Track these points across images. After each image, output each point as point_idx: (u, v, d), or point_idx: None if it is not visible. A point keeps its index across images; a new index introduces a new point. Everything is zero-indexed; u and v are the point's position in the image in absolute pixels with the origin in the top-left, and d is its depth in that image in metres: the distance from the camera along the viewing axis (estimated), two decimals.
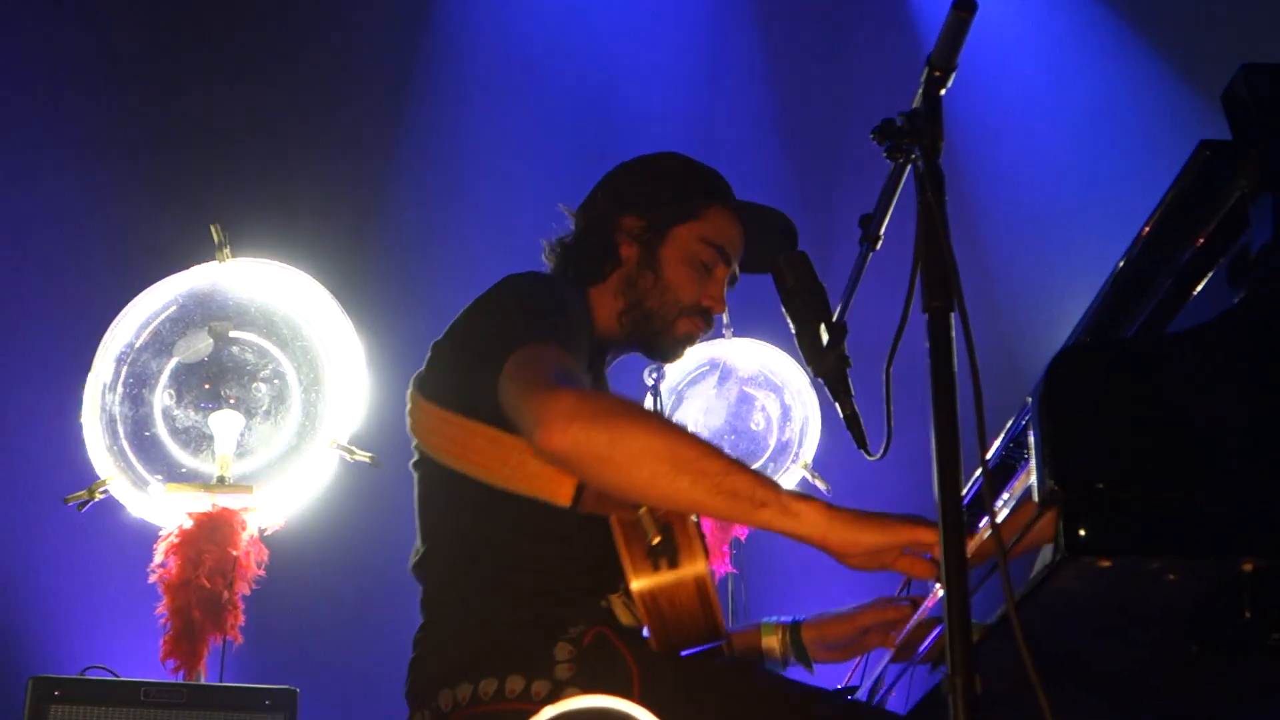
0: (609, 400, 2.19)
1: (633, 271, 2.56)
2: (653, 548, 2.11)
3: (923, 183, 1.74)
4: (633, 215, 2.58)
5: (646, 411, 2.19)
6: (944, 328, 1.65)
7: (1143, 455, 1.55)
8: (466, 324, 2.43)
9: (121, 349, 4.32)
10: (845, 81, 5.81)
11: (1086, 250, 4.17)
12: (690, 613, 2.13)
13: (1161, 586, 1.60)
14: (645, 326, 2.57)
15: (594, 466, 2.08)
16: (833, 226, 5.20)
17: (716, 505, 2.09)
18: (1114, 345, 2.00)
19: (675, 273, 2.56)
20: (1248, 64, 1.81)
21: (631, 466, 2.06)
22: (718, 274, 2.60)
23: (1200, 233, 2.00)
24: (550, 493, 2.18)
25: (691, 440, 2.11)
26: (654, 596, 2.12)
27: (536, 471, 2.17)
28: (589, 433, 2.04)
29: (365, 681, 4.84)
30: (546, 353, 2.19)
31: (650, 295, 2.55)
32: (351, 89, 5.73)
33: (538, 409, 2.07)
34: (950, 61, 1.76)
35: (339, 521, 4.79)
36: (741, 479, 2.07)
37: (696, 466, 2.06)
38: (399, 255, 5.49)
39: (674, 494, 2.08)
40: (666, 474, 2.05)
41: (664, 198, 2.59)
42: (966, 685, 1.50)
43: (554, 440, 2.05)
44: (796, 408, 5.24)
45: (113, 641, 4.59)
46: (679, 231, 2.57)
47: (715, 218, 2.60)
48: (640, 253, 2.57)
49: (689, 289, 2.56)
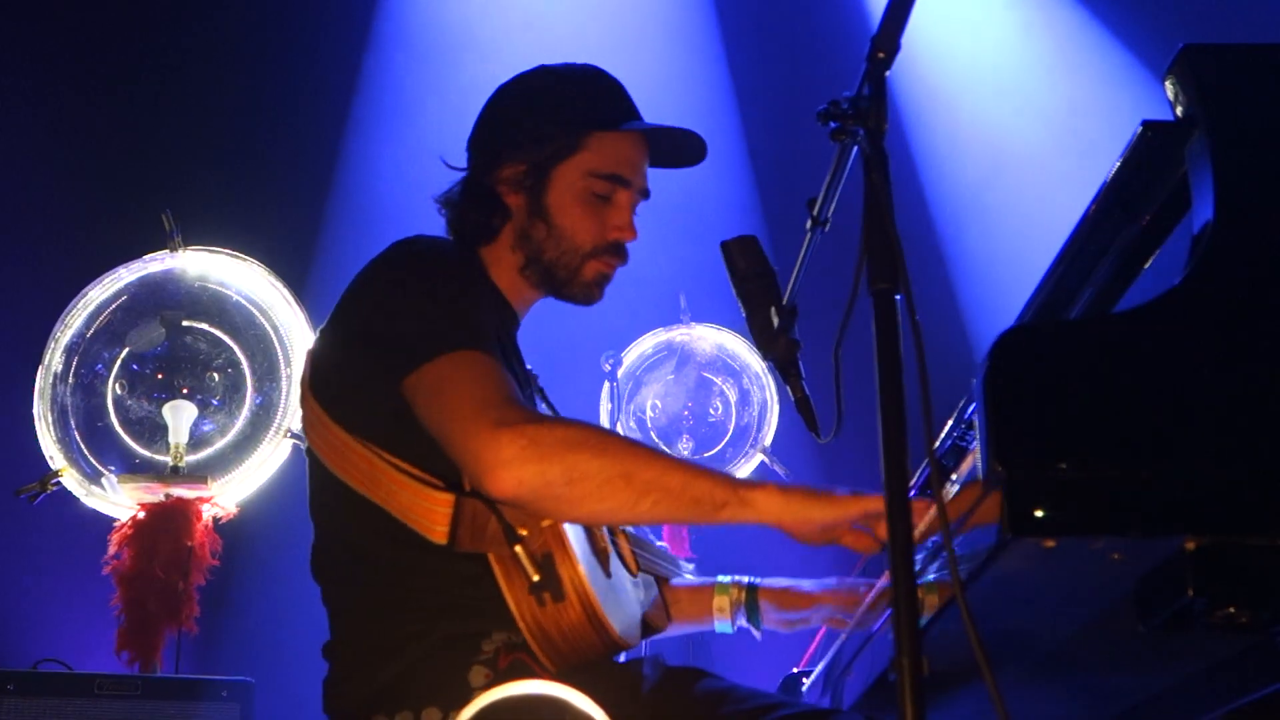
0: (558, 431, 1.99)
1: (523, 223, 2.36)
2: (535, 584, 2.02)
3: (868, 164, 1.73)
4: (511, 162, 2.36)
5: (598, 435, 2.05)
6: (889, 309, 1.65)
7: (1086, 435, 1.55)
8: (355, 311, 2.24)
9: (72, 339, 4.29)
10: (801, 61, 5.81)
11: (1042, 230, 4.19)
12: (583, 636, 2.06)
13: (1106, 566, 1.61)
14: (551, 278, 2.37)
15: (551, 504, 2.00)
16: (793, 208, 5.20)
17: (680, 516, 2.07)
18: (1056, 326, 2.00)
19: (567, 217, 2.35)
20: (1189, 44, 1.81)
21: (592, 500, 1.98)
22: (619, 200, 2.38)
23: (1144, 213, 2.01)
24: (425, 529, 2.07)
25: (648, 459, 2.03)
26: (542, 629, 2.04)
27: (408, 505, 2.08)
28: (544, 476, 1.95)
29: (321, 673, 4.81)
30: (471, 368, 2.06)
31: (547, 246, 2.35)
32: (304, 77, 5.69)
33: (483, 452, 1.95)
34: (894, 42, 1.76)
35: (294, 511, 4.74)
36: (700, 485, 2.02)
37: (657, 486, 2.00)
38: (351, 244, 5.46)
39: (637, 517, 2.06)
40: (629, 500, 1.99)
41: (540, 134, 2.35)
42: (914, 667, 1.50)
43: (506, 486, 1.95)
44: (755, 392, 5.25)
45: (66, 635, 4.55)
46: (562, 170, 2.35)
47: (601, 145, 2.37)
48: (526, 201, 2.36)
49: (586, 229, 2.36)
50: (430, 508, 2.07)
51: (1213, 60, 1.81)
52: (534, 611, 2.04)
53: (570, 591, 2.04)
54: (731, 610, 2.63)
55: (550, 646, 2.06)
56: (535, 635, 2.05)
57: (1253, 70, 1.84)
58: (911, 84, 5.79)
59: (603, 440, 2.03)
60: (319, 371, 2.26)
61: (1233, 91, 1.80)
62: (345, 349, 2.22)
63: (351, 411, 2.17)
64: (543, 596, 2.03)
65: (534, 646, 2.06)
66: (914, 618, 1.50)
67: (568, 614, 2.04)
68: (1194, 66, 1.81)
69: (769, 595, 2.63)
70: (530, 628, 2.05)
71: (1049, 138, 5.67)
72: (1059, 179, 5.20)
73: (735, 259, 2.36)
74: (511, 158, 2.37)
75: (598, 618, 2.05)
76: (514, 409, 2.01)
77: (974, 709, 2.24)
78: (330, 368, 2.24)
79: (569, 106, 2.38)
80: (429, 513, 2.06)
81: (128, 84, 5.49)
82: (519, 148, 2.36)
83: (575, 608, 2.04)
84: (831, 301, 2.24)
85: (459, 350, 2.07)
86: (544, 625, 2.05)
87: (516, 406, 2.02)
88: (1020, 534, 1.52)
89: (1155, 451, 1.54)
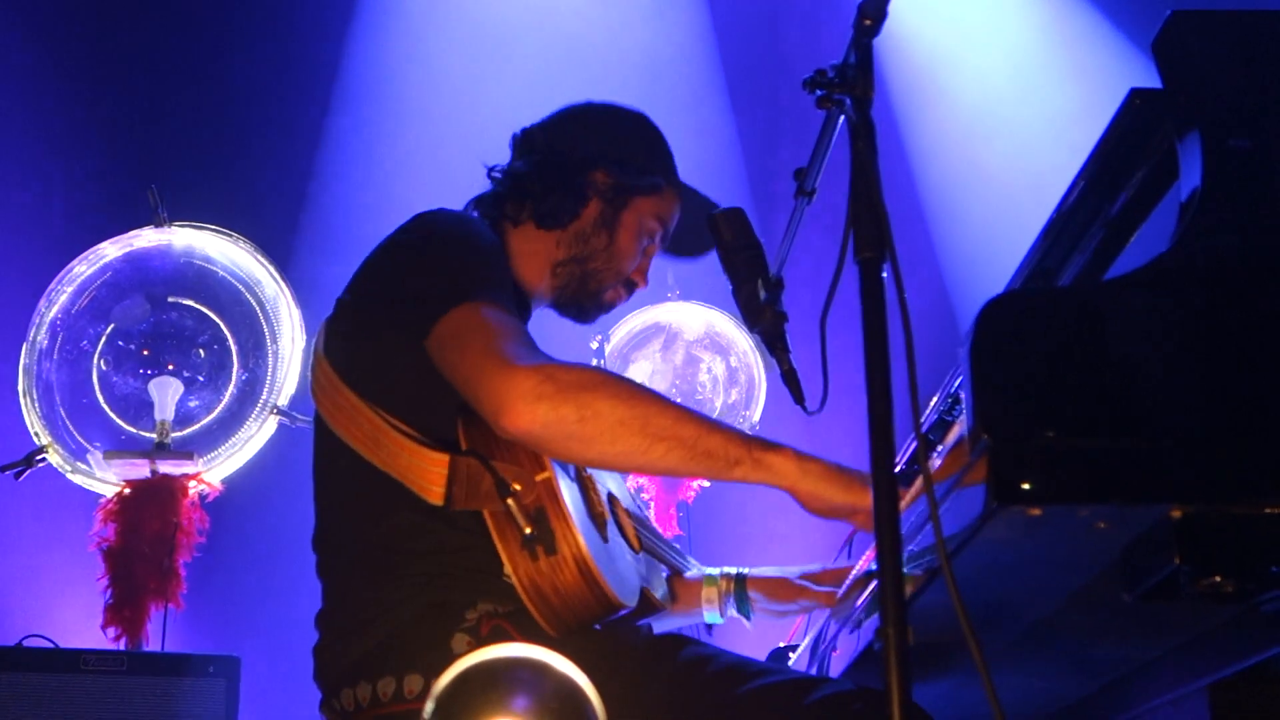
0: (574, 373, 2.05)
1: (588, 228, 2.49)
2: (527, 537, 2.03)
3: (854, 133, 1.73)
4: (605, 171, 2.50)
5: (614, 380, 2.10)
6: (875, 279, 1.64)
7: (1072, 403, 1.54)
8: (375, 276, 2.31)
9: (58, 315, 4.28)
10: (788, 31, 5.79)
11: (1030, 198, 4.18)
12: (578, 594, 2.06)
13: (1092, 534, 1.60)
14: (581, 285, 2.50)
15: (563, 444, 2.04)
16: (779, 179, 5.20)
17: (691, 469, 2.08)
18: (1042, 293, 2.00)
19: (626, 240, 2.51)
20: (1177, 11, 1.80)
21: (603, 441, 2.02)
22: (650, 251, 2.58)
23: (1132, 181, 2.00)
24: (422, 490, 2.10)
25: (663, 406, 2.07)
26: (536, 586, 2.05)
27: (406, 466, 2.12)
28: (558, 411, 1.99)
29: (307, 648, 4.81)
30: (491, 315, 2.12)
31: (598, 256, 2.49)
32: (290, 53, 5.66)
33: (500, 390, 2.01)
34: (881, 9, 1.75)
35: (280, 487, 4.75)
36: (715, 439, 2.05)
37: (670, 434, 2.03)
38: (338, 220, 5.44)
39: (648, 464, 2.07)
40: (640, 446, 2.03)
41: (637, 163, 2.52)
42: (900, 636, 1.50)
43: (521, 422, 2.00)
44: (742, 369, 5.24)
45: (52, 610, 4.54)
46: (640, 202, 2.52)
47: (668, 198, 2.56)
48: (602, 210, 2.49)
49: (630, 259, 2.53)
50: (427, 468, 2.09)
51: (1201, 27, 1.81)
52: (528, 568, 2.05)
53: (563, 546, 2.05)
54: (720, 600, 2.64)
55: (545, 605, 2.06)
56: (530, 593, 2.05)
57: (1241, 38, 1.83)
58: (897, 54, 5.77)
59: (619, 385, 2.08)
60: (335, 336, 2.30)
61: (1221, 59, 1.80)
62: (365, 312, 2.27)
63: (365, 375, 2.21)
64: (535, 550, 2.04)
65: (529, 605, 2.06)
66: (899, 587, 1.50)
67: (562, 572, 2.05)
68: (1182, 34, 1.80)
69: (758, 585, 2.65)
70: (525, 586, 2.05)
71: (1037, 105, 5.65)
72: (1047, 146, 5.18)
73: (722, 231, 2.36)
74: (608, 167, 2.50)
75: (591, 574, 2.06)
76: (532, 351, 2.08)
77: (960, 680, 2.24)
78: (348, 332, 2.28)
79: (663, 154, 2.58)
80: (426, 473, 2.09)
81: (113, 59, 5.46)
82: (618, 164, 2.50)
83: (569, 564, 2.05)
84: (819, 273, 2.23)
85: (477, 301, 2.12)
86: (538, 582, 2.05)
87: (534, 349, 2.09)
88: (1006, 503, 1.52)
89: (1142, 419, 1.53)
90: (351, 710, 2.12)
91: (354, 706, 2.12)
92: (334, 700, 2.16)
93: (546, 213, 2.47)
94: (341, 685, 2.14)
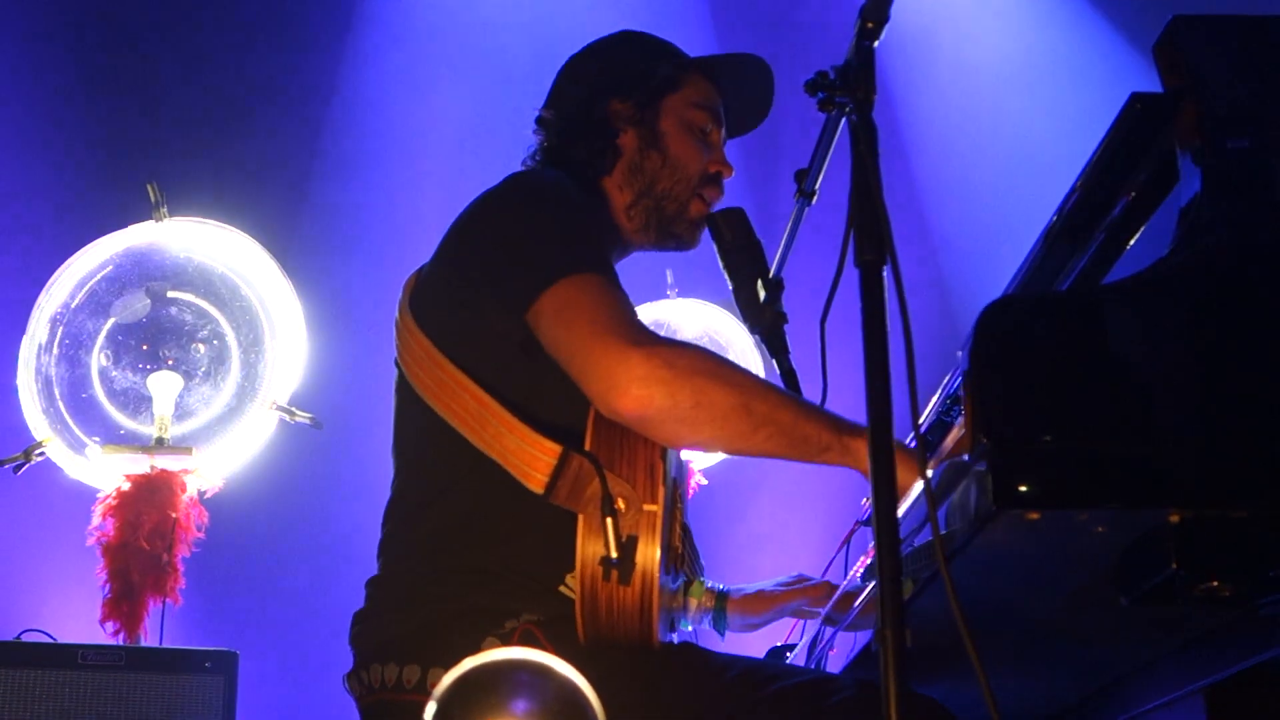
0: (688, 357, 2.02)
1: (635, 156, 2.43)
2: (609, 560, 2.00)
3: (856, 136, 1.73)
4: (618, 99, 2.44)
5: (724, 365, 2.07)
6: (876, 281, 1.65)
7: (1071, 407, 1.55)
8: (471, 243, 2.24)
9: (58, 309, 4.28)
10: (790, 32, 5.79)
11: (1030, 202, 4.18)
12: (628, 626, 2.05)
13: (1090, 539, 1.61)
14: (661, 213, 2.43)
15: (671, 426, 2.02)
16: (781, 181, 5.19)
17: (786, 452, 2.07)
18: (1042, 297, 2.00)
19: (680, 145, 2.44)
20: (1178, 15, 1.81)
21: (709, 425, 2.02)
22: (714, 139, 2.49)
23: (1132, 185, 2.00)
24: (523, 474, 2.06)
25: (765, 391, 2.05)
26: (594, 598, 2.03)
27: (513, 449, 2.07)
28: (674, 397, 1.98)
29: (305, 644, 4.84)
30: (597, 290, 2.08)
31: (661, 176, 2.42)
32: (290, 47, 5.66)
33: (612, 370, 1.99)
34: (883, 12, 1.75)
35: (279, 483, 4.77)
36: (809, 425, 2.04)
37: (771, 420, 2.02)
38: (338, 215, 5.44)
39: (747, 447, 2.06)
40: (745, 430, 2.02)
41: (646, 70, 2.46)
42: (897, 638, 1.50)
43: (633, 405, 1.98)
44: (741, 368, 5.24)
45: (49, 605, 4.55)
46: (670, 102, 2.45)
47: (696, 82, 2.49)
48: (640, 134, 2.43)
49: (696, 159, 2.44)
50: (536, 455, 2.05)
51: (1202, 32, 1.81)
52: (595, 579, 2.03)
53: (637, 582, 2.03)
54: (697, 612, 2.62)
55: (593, 617, 2.05)
56: (585, 599, 2.04)
57: (1241, 42, 1.83)
58: (899, 57, 5.77)
59: (726, 369, 2.06)
60: (427, 306, 2.26)
61: (1222, 64, 1.80)
62: (462, 280, 2.22)
63: (469, 349, 2.17)
64: (610, 573, 2.02)
65: (579, 609, 2.04)
66: (898, 589, 1.50)
67: (624, 597, 2.03)
68: (1183, 38, 1.80)
69: (737, 606, 2.63)
70: (585, 590, 2.03)
71: (1038, 108, 5.65)
72: (1048, 149, 5.18)
73: (722, 231, 2.37)
74: (619, 93, 2.44)
75: (650, 612, 2.04)
76: (643, 330, 2.05)
77: (957, 682, 2.25)
78: (443, 301, 2.24)
79: (656, 48, 2.51)
80: (533, 459, 2.05)
81: (114, 53, 5.46)
82: (626, 84, 2.45)
83: (634, 596, 2.03)
84: (819, 274, 2.23)
85: (582, 273, 2.09)
86: (598, 594, 2.03)
87: (643, 328, 2.06)
88: (1005, 506, 1.52)
89: (1140, 424, 1.53)
90: (376, 687, 2.12)
91: (379, 684, 2.12)
92: (362, 672, 2.16)
93: (589, 161, 2.43)
94: (371, 660, 2.14)
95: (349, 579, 2.39)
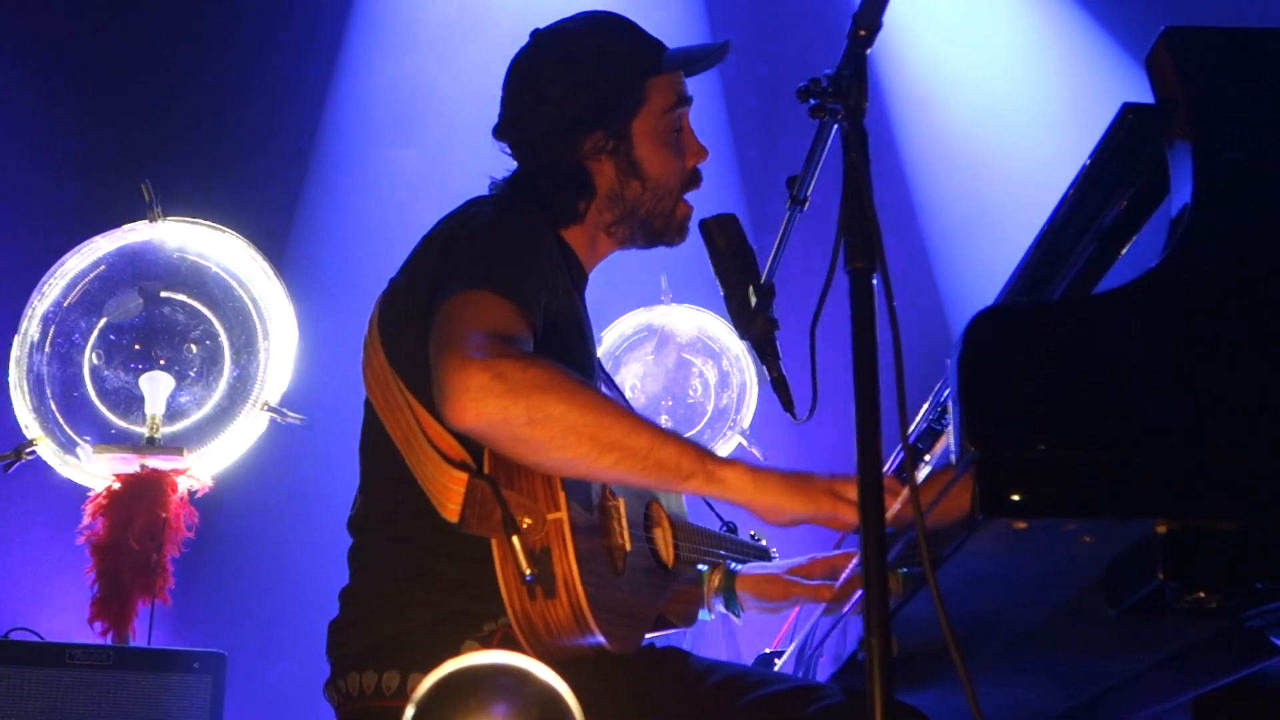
0: (529, 372, 1.94)
1: (615, 185, 2.38)
2: (526, 578, 1.97)
3: (847, 142, 1.73)
4: (588, 135, 2.37)
5: (571, 383, 1.98)
6: (865, 288, 1.65)
7: (1060, 417, 1.54)
8: (416, 257, 2.24)
9: (50, 308, 4.28)
10: (783, 39, 5.78)
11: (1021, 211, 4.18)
12: (569, 638, 2.02)
13: (1077, 549, 1.60)
14: (646, 228, 2.42)
15: (509, 445, 1.97)
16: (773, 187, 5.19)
17: (642, 479, 2.04)
18: (1032, 306, 2.00)
19: (657, 164, 2.39)
20: (1170, 27, 1.80)
21: (551, 446, 1.96)
22: (685, 126, 2.45)
23: (1123, 195, 2.01)
24: (440, 504, 2.02)
25: (616, 416, 2.01)
26: (530, 622, 2.01)
27: (429, 477, 2.05)
28: (506, 412, 1.91)
29: (293, 645, 4.82)
30: (478, 306, 2.02)
31: (644, 200, 2.39)
32: (285, 48, 5.65)
33: (450, 381, 1.93)
34: (876, 19, 1.75)
35: (270, 484, 4.76)
36: (667, 450, 2.01)
37: (622, 444, 1.98)
38: (331, 216, 5.43)
39: (597, 472, 2.03)
40: (589, 453, 1.97)
41: (605, 99, 2.37)
42: (883, 647, 1.50)
43: (466, 418, 1.92)
44: (734, 374, 5.24)
45: (37, 604, 4.54)
46: (639, 122, 2.38)
47: (660, 83, 2.41)
48: (616, 163, 2.38)
49: (673, 168, 2.41)
50: (446, 484, 2.02)
51: (1194, 43, 1.80)
52: (523, 603, 2.01)
53: (563, 592, 2.00)
54: (710, 597, 2.61)
55: (535, 639, 2.03)
56: (522, 626, 2.02)
57: (1234, 54, 1.83)
58: (892, 63, 5.77)
59: (575, 389, 1.98)
60: (386, 321, 2.23)
61: (1213, 75, 1.79)
62: (402, 297, 2.21)
63: (408, 366, 2.14)
64: (534, 590, 1.98)
65: (519, 636, 2.02)
66: (884, 598, 1.50)
67: (555, 611, 2.01)
68: (1175, 49, 1.80)
69: (747, 583, 2.61)
70: (518, 617, 2.01)
71: (1030, 115, 5.65)
72: (1040, 157, 5.18)
73: (715, 237, 2.36)
74: (586, 129, 2.37)
75: (585, 619, 2.01)
76: (498, 345, 1.96)
77: (944, 690, 2.25)
78: (392, 316, 2.22)
79: (617, 63, 2.40)
80: (445, 489, 2.02)
81: (108, 53, 5.45)
82: (589, 119, 2.36)
83: (564, 607, 2.00)
84: (810, 281, 2.23)
85: (481, 290, 2.04)
86: (531, 617, 2.01)
87: (502, 344, 1.97)
88: (991, 515, 1.51)
89: (1129, 434, 1.53)
90: (355, 695, 2.11)
91: (359, 692, 2.11)
92: (340, 681, 2.15)
93: (570, 210, 2.37)
94: (349, 669, 2.13)
95: (338, 581, 2.38)
